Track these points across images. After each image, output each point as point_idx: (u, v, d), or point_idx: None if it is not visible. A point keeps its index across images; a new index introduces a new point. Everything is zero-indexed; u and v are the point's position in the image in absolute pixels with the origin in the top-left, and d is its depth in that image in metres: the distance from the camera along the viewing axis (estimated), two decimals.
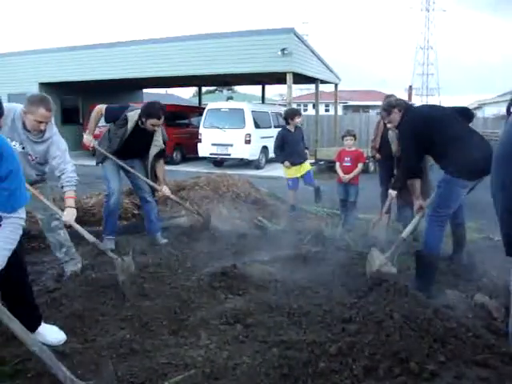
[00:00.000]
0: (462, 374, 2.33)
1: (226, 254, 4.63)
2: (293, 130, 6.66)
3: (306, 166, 6.74)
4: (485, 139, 4.07)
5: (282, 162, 6.65)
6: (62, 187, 3.73)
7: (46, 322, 2.96)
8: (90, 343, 2.87)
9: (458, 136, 3.83)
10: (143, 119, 4.71)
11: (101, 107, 4.88)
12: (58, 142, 3.72)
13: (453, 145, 3.78)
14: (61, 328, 2.97)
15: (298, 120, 6.66)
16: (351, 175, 6.09)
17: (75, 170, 3.79)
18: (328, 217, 6.60)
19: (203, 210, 5.76)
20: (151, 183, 5.03)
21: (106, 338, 2.92)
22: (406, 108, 4.17)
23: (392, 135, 5.50)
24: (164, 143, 5.01)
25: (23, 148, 3.60)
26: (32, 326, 2.78)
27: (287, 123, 6.74)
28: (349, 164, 6.17)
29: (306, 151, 6.93)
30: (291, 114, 6.76)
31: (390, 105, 4.22)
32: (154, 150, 4.92)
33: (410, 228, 4.03)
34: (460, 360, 2.44)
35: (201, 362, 2.59)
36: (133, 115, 4.75)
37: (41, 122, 3.47)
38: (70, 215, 3.72)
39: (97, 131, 5.20)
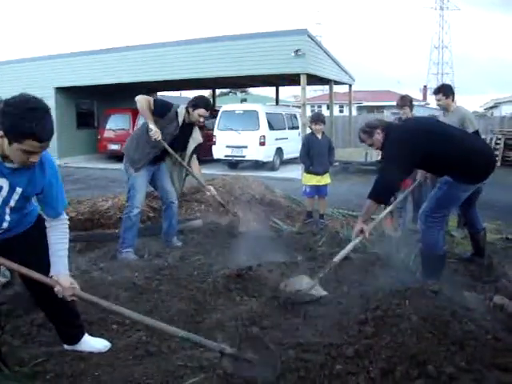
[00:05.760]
0: (482, 377, 2.29)
1: (241, 256, 4.63)
2: (319, 137, 6.35)
3: (327, 179, 6.42)
4: (484, 141, 4.00)
5: (307, 169, 6.35)
6: None
7: None
8: None
9: (456, 142, 3.66)
10: (190, 110, 4.75)
11: (147, 98, 4.67)
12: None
13: (452, 152, 3.61)
14: None
15: (315, 127, 6.33)
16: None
17: None
18: (344, 218, 6.57)
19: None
20: (202, 182, 5.16)
21: (122, 339, 2.94)
22: (387, 127, 3.79)
23: None
24: (198, 145, 5.07)
25: None
26: (77, 335, 2.80)
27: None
28: None
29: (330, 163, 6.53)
30: (311, 120, 6.53)
31: (371, 126, 3.84)
32: (192, 145, 4.97)
33: (343, 252, 3.70)
34: (479, 363, 2.39)
35: (217, 364, 2.58)
36: (181, 110, 4.79)
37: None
38: None
39: (111, 134, 5.20)
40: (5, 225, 2.40)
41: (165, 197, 5.02)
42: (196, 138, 5.00)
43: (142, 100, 4.61)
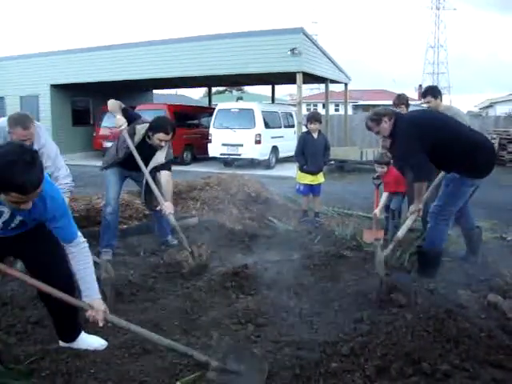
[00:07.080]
0: (476, 375, 2.31)
1: (237, 253, 4.64)
2: (315, 136, 6.32)
3: (320, 179, 6.41)
4: (486, 137, 4.13)
5: (301, 168, 6.33)
6: None
7: None
8: None
9: (461, 136, 3.80)
10: (150, 133, 4.46)
11: (119, 102, 4.62)
12: (48, 152, 3.79)
13: (457, 146, 3.75)
14: None
15: (311, 126, 6.29)
16: None
17: (69, 175, 3.91)
18: (339, 217, 6.58)
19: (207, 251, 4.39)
20: (157, 194, 4.42)
21: (119, 337, 2.93)
22: (396, 116, 3.90)
23: None
24: (168, 162, 4.60)
25: None
26: (75, 332, 2.80)
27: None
28: None
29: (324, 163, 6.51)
30: (307, 119, 6.45)
31: (379, 114, 3.92)
32: (151, 164, 4.51)
33: (404, 229, 3.91)
34: (473, 361, 2.41)
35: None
36: (140, 129, 4.52)
37: (23, 140, 3.40)
38: None
39: (107, 132, 5.10)
40: (9, 233, 2.49)
41: (145, 203, 5.02)
42: (157, 159, 4.53)
43: (111, 101, 4.59)
